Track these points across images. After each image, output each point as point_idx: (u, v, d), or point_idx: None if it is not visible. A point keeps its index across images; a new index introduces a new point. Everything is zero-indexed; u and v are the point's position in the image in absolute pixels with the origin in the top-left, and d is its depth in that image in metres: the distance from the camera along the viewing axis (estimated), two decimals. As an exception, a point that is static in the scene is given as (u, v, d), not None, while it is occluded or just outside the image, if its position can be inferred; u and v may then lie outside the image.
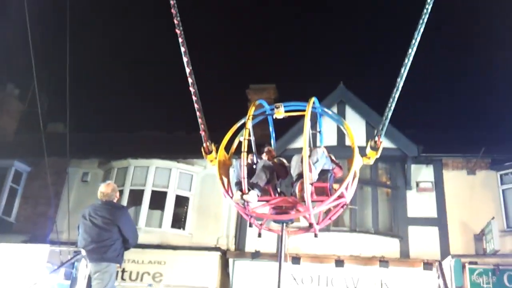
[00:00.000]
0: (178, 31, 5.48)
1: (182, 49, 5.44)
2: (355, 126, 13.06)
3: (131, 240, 5.59)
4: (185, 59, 5.43)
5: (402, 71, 5.05)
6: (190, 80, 5.42)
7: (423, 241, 12.69)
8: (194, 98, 5.45)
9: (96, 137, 17.36)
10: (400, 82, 5.09)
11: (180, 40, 5.43)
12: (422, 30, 4.97)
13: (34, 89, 10.57)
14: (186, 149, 14.31)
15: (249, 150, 5.59)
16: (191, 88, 5.42)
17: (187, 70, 5.42)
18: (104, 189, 5.63)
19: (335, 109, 13.89)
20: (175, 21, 5.47)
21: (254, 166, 5.47)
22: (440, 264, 4.24)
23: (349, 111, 14.10)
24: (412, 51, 5.00)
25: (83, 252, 4.94)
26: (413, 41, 4.99)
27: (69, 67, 11.11)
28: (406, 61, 5.03)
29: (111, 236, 5.39)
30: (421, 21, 4.97)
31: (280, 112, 5.28)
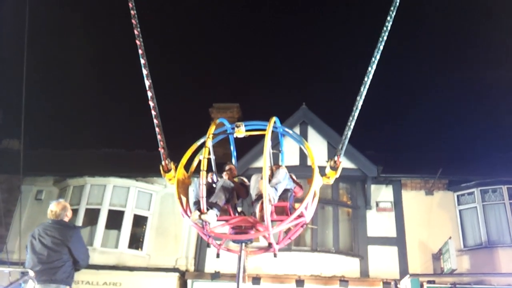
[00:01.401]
0: (138, 42, 5.32)
1: (142, 61, 5.29)
2: (317, 147, 13.25)
3: (82, 261, 5.34)
4: (144, 72, 5.28)
5: (362, 89, 5.08)
6: (149, 94, 5.27)
7: (382, 261, 12.80)
8: (153, 113, 5.30)
9: (52, 154, 16.82)
10: (360, 101, 5.11)
11: (140, 51, 5.28)
12: (381, 48, 5.02)
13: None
14: (146, 167, 14.04)
15: (210, 169, 5.49)
16: (150, 102, 5.27)
17: (147, 83, 5.26)
18: (55, 207, 5.38)
19: (297, 130, 13.96)
20: (135, 32, 5.31)
21: (214, 185, 5.36)
22: (396, 283, 4.21)
23: (311, 132, 14.21)
24: (371, 69, 5.05)
25: (31, 273, 4.68)
26: (373, 58, 5.04)
27: (26, 82, 10.80)
28: (365, 79, 5.07)
29: (61, 257, 5.14)
30: (380, 39, 5.03)
31: (241, 131, 5.20)
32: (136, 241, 13.57)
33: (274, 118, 5.27)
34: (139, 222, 13.76)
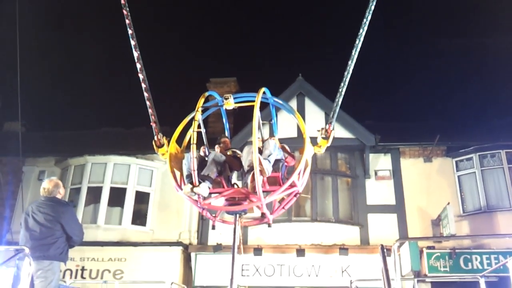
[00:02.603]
0: (127, 21, 5.29)
1: (132, 43, 5.25)
2: (315, 118, 13.27)
3: (75, 237, 5.42)
4: (132, 42, 5.22)
5: (353, 53, 5.06)
6: (138, 66, 5.25)
7: (382, 228, 12.97)
8: (143, 85, 5.29)
9: (52, 134, 16.91)
10: (351, 65, 5.08)
11: (127, 21, 5.22)
12: (372, 8, 4.97)
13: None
14: (146, 144, 14.02)
15: (201, 143, 5.54)
16: (139, 75, 5.25)
17: (135, 55, 5.24)
18: (47, 184, 5.46)
19: (294, 101, 13.97)
20: (126, 20, 5.28)
21: (207, 159, 5.41)
22: (382, 247, 4.27)
23: (308, 103, 14.19)
24: (363, 31, 5.01)
25: (26, 250, 4.77)
26: (364, 20, 4.99)
27: (21, 64, 10.82)
28: (357, 42, 5.04)
29: (53, 233, 5.22)
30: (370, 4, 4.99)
31: (230, 103, 5.21)
32: (139, 217, 13.75)
33: (263, 89, 5.25)
34: (141, 198, 13.92)
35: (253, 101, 5.09)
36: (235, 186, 5.56)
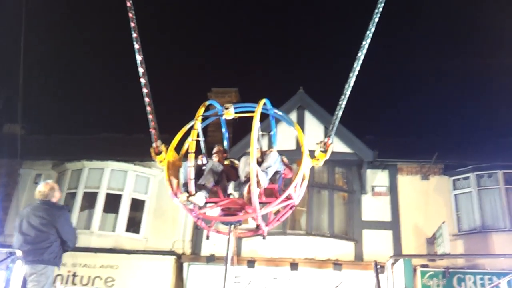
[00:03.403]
0: (132, 24, 5.32)
1: (136, 46, 5.29)
2: (314, 131, 13.29)
3: (70, 242, 5.39)
4: (136, 46, 5.27)
5: (355, 65, 5.07)
6: (141, 70, 5.27)
7: (377, 245, 12.91)
8: (144, 90, 5.31)
9: (51, 138, 16.88)
10: (352, 78, 5.09)
11: (132, 24, 5.27)
12: (376, 21, 5.00)
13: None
14: (144, 151, 13.98)
15: (200, 152, 5.53)
16: (141, 79, 5.27)
17: (139, 58, 5.27)
18: (43, 188, 5.44)
19: (294, 114, 14.00)
20: (131, 23, 5.32)
21: (204, 168, 5.40)
22: (376, 264, 4.26)
23: (308, 116, 14.21)
24: (366, 43, 5.03)
25: (18, 253, 4.73)
26: (367, 32, 5.03)
27: (23, 67, 10.84)
28: (359, 54, 5.06)
29: (48, 238, 5.19)
30: (376, 10, 5.02)
31: (230, 113, 5.22)
32: (133, 225, 13.68)
33: (264, 100, 5.27)
34: (137, 205, 13.86)
35: (253, 111, 5.09)
36: (232, 196, 5.53)
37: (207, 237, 5.69)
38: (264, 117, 5.83)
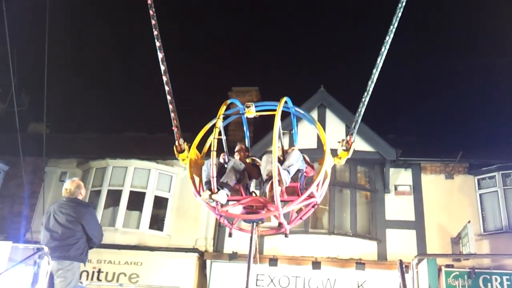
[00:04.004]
0: (153, 21, 5.38)
1: (157, 44, 5.34)
2: (335, 130, 13.23)
3: (95, 239, 5.48)
4: (160, 55, 5.32)
5: (378, 61, 5.02)
6: (162, 68, 5.32)
7: (400, 244, 12.80)
8: (166, 88, 5.35)
9: (75, 137, 17.22)
10: (375, 74, 5.04)
11: (155, 32, 5.33)
12: (399, 15, 4.95)
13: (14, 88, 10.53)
14: (166, 150, 14.15)
15: (221, 150, 5.56)
16: (163, 77, 5.31)
17: (160, 56, 5.32)
18: (69, 185, 5.53)
19: (315, 113, 13.95)
20: (152, 20, 5.38)
21: (226, 166, 5.43)
22: (401, 263, 4.23)
23: (329, 115, 14.16)
24: (389, 38, 4.98)
25: (45, 249, 4.83)
26: (391, 27, 4.97)
27: (48, 67, 11.06)
28: (382, 49, 5.01)
29: (75, 234, 5.28)
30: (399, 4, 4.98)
31: (251, 112, 5.21)
32: (157, 222, 13.85)
33: (285, 98, 5.24)
34: (160, 203, 14.02)
35: (275, 110, 5.08)
36: (253, 194, 5.55)
37: (230, 235, 5.71)
38: (285, 115, 5.83)
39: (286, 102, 5.35)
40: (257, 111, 5.32)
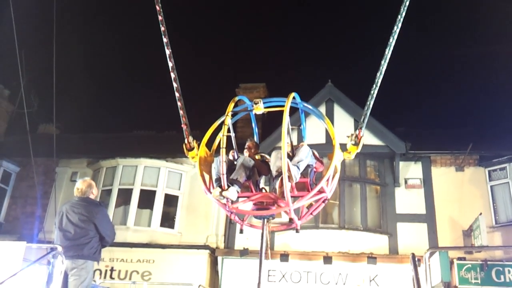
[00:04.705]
0: (160, 17, 5.38)
1: (165, 40, 5.34)
2: (344, 124, 13.19)
3: (108, 237, 5.52)
4: (167, 52, 5.33)
5: (386, 52, 4.98)
6: (170, 64, 5.32)
7: (411, 238, 12.76)
8: (174, 85, 5.34)
9: (85, 137, 17.32)
10: (384, 65, 4.99)
11: (162, 28, 5.33)
12: (407, 4, 4.91)
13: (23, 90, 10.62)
14: (176, 148, 14.19)
15: (231, 147, 5.57)
16: (171, 73, 5.31)
17: (167, 52, 5.32)
18: (80, 185, 5.57)
19: (323, 107, 13.92)
20: (159, 16, 5.39)
21: (236, 163, 5.44)
22: (414, 256, 4.23)
23: (337, 109, 14.13)
24: (397, 28, 4.94)
25: (59, 249, 4.89)
26: (398, 16, 4.93)
27: (56, 68, 11.12)
28: (390, 40, 4.97)
29: (88, 233, 5.32)
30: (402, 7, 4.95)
31: (259, 108, 5.21)
32: (167, 220, 13.93)
33: (293, 94, 5.23)
34: (170, 201, 14.09)
35: (283, 106, 5.07)
36: (263, 190, 5.56)
37: (241, 231, 5.75)
38: (293, 111, 5.82)
39: (294, 97, 5.35)
40: (265, 108, 5.32)
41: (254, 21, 40.26)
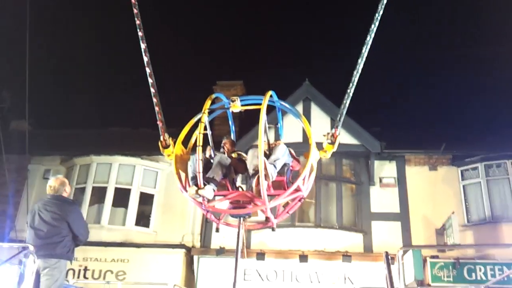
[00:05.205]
0: (135, 10, 5.30)
1: (140, 34, 5.26)
2: (320, 123, 13.25)
3: (81, 236, 5.42)
4: (142, 46, 5.25)
5: (363, 50, 5.01)
6: (145, 59, 5.24)
7: (386, 236, 12.90)
8: (150, 80, 5.27)
9: (58, 133, 16.94)
10: (360, 64, 5.04)
11: (137, 22, 5.25)
12: (385, 1, 4.96)
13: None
14: (151, 145, 14.03)
15: (207, 145, 5.53)
16: (146, 68, 5.23)
17: (142, 47, 5.24)
18: (53, 183, 5.46)
19: (300, 106, 13.95)
20: (134, 9, 5.31)
21: (212, 161, 5.40)
22: (387, 255, 4.26)
23: (314, 108, 14.18)
24: (374, 27, 4.99)
25: (31, 248, 4.77)
26: (376, 15, 4.98)
27: (29, 63, 10.89)
28: (367, 38, 5.02)
29: (60, 232, 5.22)
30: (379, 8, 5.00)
31: (236, 106, 5.20)
32: (143, 218, 13.77)
33: (270, 92, 5.24)
34: (146, 199, 13.93)
35: (260, 104, 5.07)
36: (240, 189, 5.54)
37: (217, 230, 5.72)
38: (270, 109, 5.82)
39: (271, 96, 5.35)
40: (242, 105, 5.31)
41: (231, 19, 40.17)
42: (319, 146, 5.37)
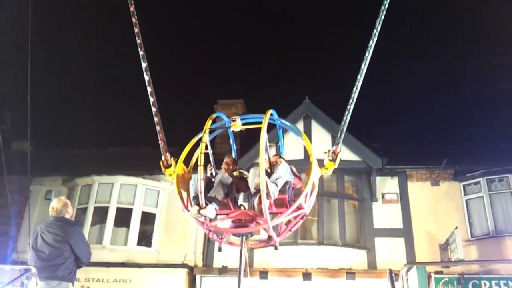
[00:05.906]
0: (136, 29, 5.36)
1: (141, 53, 5.33)
2: (321, 140, 13.27)
3: (83, 258, 5.40)
4: (143, 65, 5.30)
5: (362, 66, 5.05)
6: (146, 78, 5.30)
7: (389, 252, 12.82)
8: (151, 99, 5.31)
9: (60, 154, 17.01)
10: (360, 80, 5.08)
11: (138, 41, 5.31)
12: (382, 18, 5.01)
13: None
14: (153, 165, 14.09)
15: (208, 164, 5.54)
16: (148, 87, 5.28)
17: (144, 66, 5.30)
18: (56, 204, 5.46)
19: (301, 124, 14.00)
20: (135, 28, 5.38)
21: (213, 180, 5.40)
22: (391, 272, 4.23)
23: (315, 125, 14.23)
24: (372, 42, 5.03)
25: (33, 270, 4.75)
26: (374, 30, 5.03)
27: (31, 83, 10.97)
28: (366, 54, 5.06)
29: (62, 254, 5.20)
30: (382, 7, 5.04)
31: (237, 125, 5.22)
32: (145, 238, 13.71)
33: (271, 111, 5.26)
34: (147, 219, 13.89)
35: (260, 122, 5.08)
36: (242, 207, 5.53)
37: (219, 249, 5.67)
38: (271, 127, 5.84)
39: (271, 114, 5.37)
40: (243, 124, 5.33)
41: (232, 37, 40.51)
42: (320, 163, 5.37)
